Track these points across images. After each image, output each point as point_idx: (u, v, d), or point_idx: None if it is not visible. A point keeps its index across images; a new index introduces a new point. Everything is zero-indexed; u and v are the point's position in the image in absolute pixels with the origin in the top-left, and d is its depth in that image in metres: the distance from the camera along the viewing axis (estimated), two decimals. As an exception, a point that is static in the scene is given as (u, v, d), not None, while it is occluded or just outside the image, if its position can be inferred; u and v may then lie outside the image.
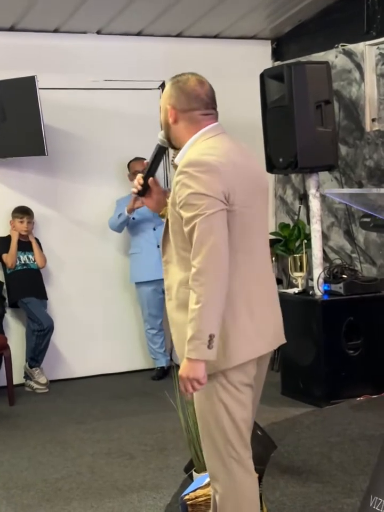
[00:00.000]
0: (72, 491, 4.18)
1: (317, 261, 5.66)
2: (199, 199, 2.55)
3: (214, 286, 2.54)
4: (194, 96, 2.77)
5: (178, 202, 2.61)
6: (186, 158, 2.67)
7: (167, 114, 2.79)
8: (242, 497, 2.76)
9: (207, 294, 2.53)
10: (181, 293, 2.69)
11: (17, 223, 6.38)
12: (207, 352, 2.54)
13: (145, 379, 6.53)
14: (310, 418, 5.05)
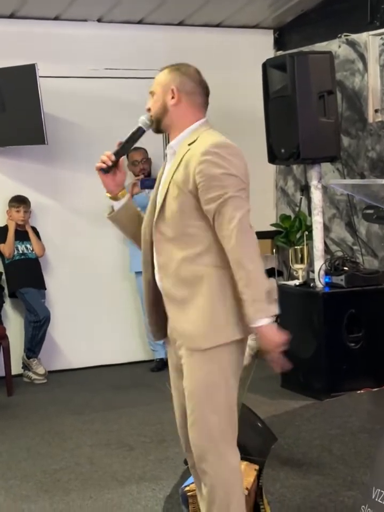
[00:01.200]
0: (71, 482, 4.20)
1: (318, 253, 5.66)
2: (228, 178, 2.70)
3: (254, 250, 2.70)
4: (198, 81, 2.90)
5: (203, 180, 2.70)
6: (209, 139, 2.75)
7: (168, 97, 2.85)
8: (232, 477, 2.80)
9: (250, 258, 2.67)
10: (185, 270, 2.77)
11: (14, 212, 6.37)
12: (270, 308, 2.68)
13: (144, 370, 6.54)
14: (310, 411, 5.05)
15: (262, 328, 2.68)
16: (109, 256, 6.74)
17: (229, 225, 2.67)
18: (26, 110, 6.06)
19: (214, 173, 2.69)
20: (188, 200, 2.75)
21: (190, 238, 2.77)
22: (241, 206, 2.70)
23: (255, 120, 5.95)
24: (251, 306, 2.66)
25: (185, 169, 2.76)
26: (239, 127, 2.93)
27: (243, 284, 2.66)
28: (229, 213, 2.68)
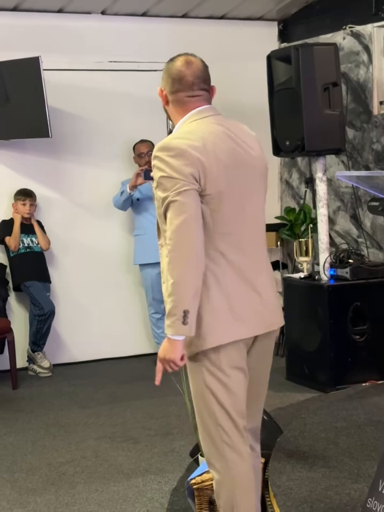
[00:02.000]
0: (76, 475, 4.20)
1: (323, 245, 5.65)
2: (169, 182, 2.61)
3: (186, 262, 2.59)
4: (178, 78, 2.80)
5: (155, 186, 2.69)
6: (161, 142, 2.72)
7: (161, 96, 2.86)
8: (236, 483, 2.76)
9: (179, 270, 2.58)
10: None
11: (20, 205, 6.37)
12: (181, 327, 2.58)
13: (148, 364, 6.52)
14: (316, 404, 5.05)
15: (170, 340, 2.61)
16: (114, 249, 6.74)
17: (167, 232, 2.61)
18: (30, 103, 6.04)
19: (157, 177, 2.65)
20: (159, 205, 2.70)
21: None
22: (181, 211, 2.59)
23: (259, 113, 5.93)
24: (167, 317, 2.60)
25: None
26: (243, 119, 2.88)
27: (168, 293, 2.60)
28: (169, 218, 2.61)
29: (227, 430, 2.75)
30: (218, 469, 2.78)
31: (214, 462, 2.79)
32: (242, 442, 2.78)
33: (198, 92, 2.80)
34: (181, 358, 2.65)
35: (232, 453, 2.76)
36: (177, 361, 2.63)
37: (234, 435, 2.76)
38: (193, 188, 2.61)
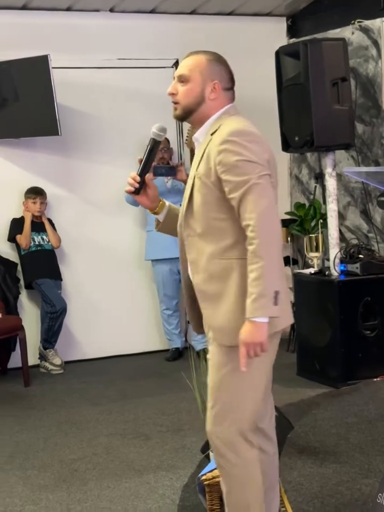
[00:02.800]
0: (88, 472, 4.21)
1: (333, 240, 5.64)
2: (249, 165, 2.62)
3: (275, 244, 2.62)
4: (232, 75, 2.83)
5: (224, 170, 2.63)
6: (228, 128, 2.67)
7: (208, 89, 2.75)
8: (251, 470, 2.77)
9: (267, 251, 2.58)
10: (214, 265, 2.71)
11: (30, 203, 6.39)
12: (273, 309, 2.58)
13: (160, 360, 6.55)
14: (327, 399, 5.05)
15: (256, 323, 2.58)
16: (125, 246, 6.75)
17: (251, 214, 2.59)
18: (40, 102, 6.06)
19: (233, 161, 2.61)
20: (211, 192, 2.69)
21: (217, 231, 2.71)
22: (265, 194, 2.61)
23: (268, 108, 5.93)
24: (256, 301, 2.56)
25: (206, 160, 2.70)
26: (252, 115, 2.88)
27: (254, 276, 2.57)
28: (252, 201, 2.59)
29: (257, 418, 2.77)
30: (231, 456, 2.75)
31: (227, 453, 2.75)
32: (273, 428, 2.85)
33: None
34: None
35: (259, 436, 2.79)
36: (265, 344, 2.60)
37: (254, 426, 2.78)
38: (269, 174, 2.65)
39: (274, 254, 2.60)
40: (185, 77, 2.77)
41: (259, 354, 2.61)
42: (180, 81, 2.78)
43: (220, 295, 2.71)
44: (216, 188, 2.68)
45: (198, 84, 2.76)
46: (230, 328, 2.69)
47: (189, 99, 2.77)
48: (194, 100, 2.76)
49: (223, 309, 2.70)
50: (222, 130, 2.70)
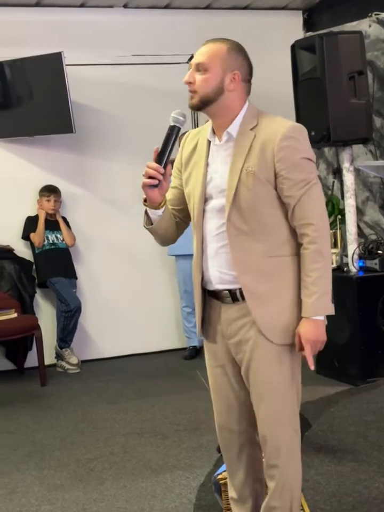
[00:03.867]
0: (105, 471, 4.23)
1: (352, 236, 5.63)
2: (309, 164, 2.68)
3: (329, 242, 2.72)
4: (251, 68, 2.78)
5: (285, 167, 2.63)
6: (283, 124, 2.66)
7: (227, 79, 2.67)
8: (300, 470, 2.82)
9: (329, 250, 2.70)
10: (266, 263, 2.69)
11: (44, 201, 6.42)
12: (332, 306, 2.70)
13: (177, 359, 6.56)
14: (346, 397, 5.04)
15: (318, 321, 2.66)
16: (140, 244, 6.73)
17: (314, 214, 2.64)
18: (54, 99, 6.09)
19: (296, 158, 2.63)
20: (265, 189, 2.66)
21: (269, 228, 2.68)
22: (321, 194, 2.71)
23: (284, 103, 5.90)
24: (320, 299, 2.63)
25: (260, 156, 2.64)
26: (268, 110, 2.87)
27: (318, 275, 2.63)
28: (313, 200, 2.65)
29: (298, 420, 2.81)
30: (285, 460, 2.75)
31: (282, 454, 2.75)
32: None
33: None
34: None
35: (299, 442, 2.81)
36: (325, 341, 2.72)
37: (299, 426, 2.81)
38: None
39: (330, 253, 2.74)
40: (204, 66, 2.66)
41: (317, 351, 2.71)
42: (198, 69, 2.68)
43: (272, 294, 2.69)
44: (270, 184, 2.66)
45: (218, 74, 2.66)
46: (284, 326, 2.70)
47: (207, 89, 2.66)
48: (213, 90, 2.67)
49: (276, 307, 2.69)
50: (272, 125, 2.66)
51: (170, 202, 2.91)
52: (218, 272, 2.76)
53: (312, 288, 2.62)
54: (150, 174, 2.71)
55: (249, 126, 2.69)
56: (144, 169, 2.72)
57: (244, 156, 2.66)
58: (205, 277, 2.81)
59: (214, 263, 2.77)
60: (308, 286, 2.63)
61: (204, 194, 2.77)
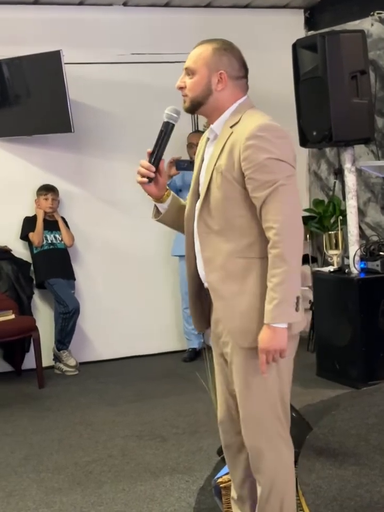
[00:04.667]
0: (103, 474, 4.23)
1: (353, 238, 5.63)
2: (277, 164, 2.59)
3: (297, 247, 2.61)
4: (243, 63, 2.77)
5: (250, 167, 2.60)
6: (254, 122, 2.63)
7: (214, 80, 2.70)
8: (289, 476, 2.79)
9: (292, 256, 2.58)
10: (232, 264, 2.68)
11: (42, 200, 6.42)
12: (294, 314, 2.59)
13: (176, 361, 6.56)
14: (347, 400, 5.03)
15: (276, 329, 2.59)
16: (140, 245, 6.76)
17: (276, 217, 2.56)
18: (52, 98, 6.09)
19: (262, 158, 2.57)
20: (233, 188, 2.65)
21: (237, 229, 2.67)
22: (291, 196, 2.60)
23: (285, 103, 5.92)
24: (278, 306, 2.56)
25: (229, 154, 2.64)
26: (269, 109, 2.86)
27: (278, 281, 2.56)
28: (278, 202, 2.56)
29: (286, 419, 2.78)
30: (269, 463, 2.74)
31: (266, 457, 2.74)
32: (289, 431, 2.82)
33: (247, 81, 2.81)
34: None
35: (287, 444, 2.79)
36: (285, 350, 2.61)
37: (288, 424, 2.79)
38: (294, 174, 2.65)
39: (297, 258, 2.61)
40: (191, 69, 2.73)
41: (277, 360, 2.63)
42: (187, 74, 2.74)
43: (236, 295, 2.68)
44: (238, 183, 2.64)
45: (204, 76, 2.71)
46: (247, 329, 2.67)
47: (195, 92, 2.72)
48: (201, 92, 2.72)
49: (240, 309, 2.68)
50: (246, 123, 2.65)
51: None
52: (201, 269, 2.81)
53: (272, 294, 2.58)
54: (141, 172, 2.81)
55: (231, 123, 2.71)
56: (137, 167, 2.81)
57: (217, 154, 2.69)
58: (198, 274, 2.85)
59: (199, 260, 2.81)
60: (269, 292, 2.59)
61: (196, 191, 2.83)
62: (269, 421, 2.74)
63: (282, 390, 2.75)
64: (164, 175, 2.85)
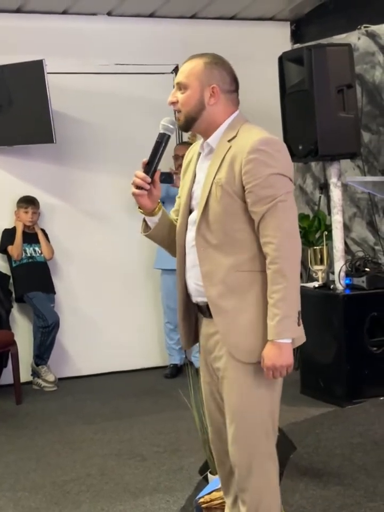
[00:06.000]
0: (81, 494, 4.19)
1: (338, 253, 5.63)
2: (279, 180, 2.64)
3: (296, 263, 2.67)
4: (235, 78, 2.81)
5: (252, 180, 2.63)
6: (254, 136, 2.66)
7: (206, 94, 2.73)
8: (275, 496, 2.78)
9: (291, 271, 2.63)
10: (233, 277, 2.70)
11: (22, 213, 6.39)
12: (297, 329, 2.65)
13: (157, 377, 6.53)
14: (331, 419, 5.03)
15: (281, 345, 2.62)
16: (121, 258, 6.74)
17: (275, 232, 2.61)
18: (34, 108, 6.07)
19: (263, 173, 2.61)
20: (233, 202, 2.67)
21: (237, 243, 2.69)
22: (290, 212, 2.65)
23: (271, 116, 5.91)
24: (280, 322, 2.60)
25: (229, 168, 2.67)
26: (254, 122, 2.89)
27: (279, 297, 2.60)
28: (277, 218, 2.61)
29: (274, 439, 2.77)
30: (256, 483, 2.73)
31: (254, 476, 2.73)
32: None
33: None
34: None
35: (274, 465, 2.78)
36: (292, 365, 2.67)
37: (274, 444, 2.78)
38: (292, 190, 2.71)
39: (297, 273, 2.66)
40: (183, 84, 2.75)
41: (283, 376, 2.67)
42: (179, 88, 2.76)
43: (238, 310, 2.69)
44: (239, 197, 2.67)
45: (196, 90, 2.73)
46: (248, 344, 2.69)
47: (189, 107, 2.75)
48: (194, 107, 2.74)
49: (241, 324, 2.69)
50: (246, 137, 2.68)
51: (175, 213, 2.97)
52: (194, 284, 2.81)
53: (274, 310, 2.61)
54: (137, 183, 2.78)
55: (228, 137, 2.73)
56: (132, 178, 2.78)
57: (216, 168, 2.71)
58: (187, 289, 2.86)
59: (191, 274, 2.82)
60: (270, 308, 2.63)
61: (188, 205, 2.84)
62: (259, 438, 2.73)
63: (274, 407, 2.76)
64: (158, 187, 2.83)
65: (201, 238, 2.74)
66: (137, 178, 2.77)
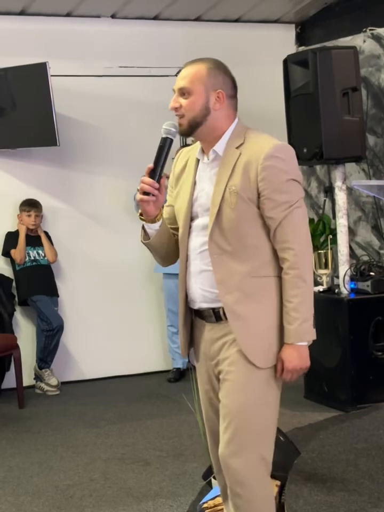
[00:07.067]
0: (84, 498, 4.19)
1: (343, 257, 5.63)
2: (295, 186, 2.72)
3: (312, 266, 2.76)
4: (234, 82, 2.82)
5: (269, 187, 2.67)
6: (267, 143, 2.70)
7: (211, 99, 2.74)
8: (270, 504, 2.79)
9: (310, 275, 2.72)
10: (249, 283, 2.73)
11: (25, 216, 6.40)
12: (314, 332, 2.74)
13: (161, 381, 6.53)
14: (335, 424, 5.02)
15: (301, 347, 2.70)
16: (125, 261, 6.74)
17: (296, 238, 2.68)
18: (38, 111, 6.08)
19: (280, 179, 2.68)
20: (248, 208, 2.70)
21: (252, 249, 2.73)
22: (305, 217, 2.74)
23: (275, 119, 5.93)
24: (301, 325, 2.67)
25: (244, 175, 2.68)
26: (259, 126, 2.88)
27: (299, 301, 2.67)
28: (295, 224, 2.69)
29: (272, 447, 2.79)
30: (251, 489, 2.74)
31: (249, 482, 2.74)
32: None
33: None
34: None
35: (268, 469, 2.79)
36: (309, 367, 2.76)
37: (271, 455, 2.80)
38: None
39: (312, 277, 2.73)
40: (187, 90, 2.74)
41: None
42: (182, 94, 2.75)
43: (254, 315, 2.73)
44: (253, 203, 2.70)
45: (202, 95, 2.73)
46: (266, 348, 2.73)
47: (194, 112, 2.74)
48: (200, 111, 2.74)
49: (259, 329, 2.72)
50: (256, 144, 2.71)
51: (167, 221, 2.94)
52: (201, 290, 2.81)
53: (294, 315, 2.67)
54: (145, 189, 2.75)
55: (235, 144, 2.75)
56: (139, 184, 2.76)
57: (228, 175, 2.72)
58: (189, 295, 2.86)
59: (197, 280, 2.82)
60: (290, 312, 2.68)
61: (189, 212, 2.84)
62: (255, 443, 2.73)
63: (274, 412, 2.78)
64: (163, 193, 2.79)
65: (215, 244, 2.75)
66: (145, 185, 2.74)
